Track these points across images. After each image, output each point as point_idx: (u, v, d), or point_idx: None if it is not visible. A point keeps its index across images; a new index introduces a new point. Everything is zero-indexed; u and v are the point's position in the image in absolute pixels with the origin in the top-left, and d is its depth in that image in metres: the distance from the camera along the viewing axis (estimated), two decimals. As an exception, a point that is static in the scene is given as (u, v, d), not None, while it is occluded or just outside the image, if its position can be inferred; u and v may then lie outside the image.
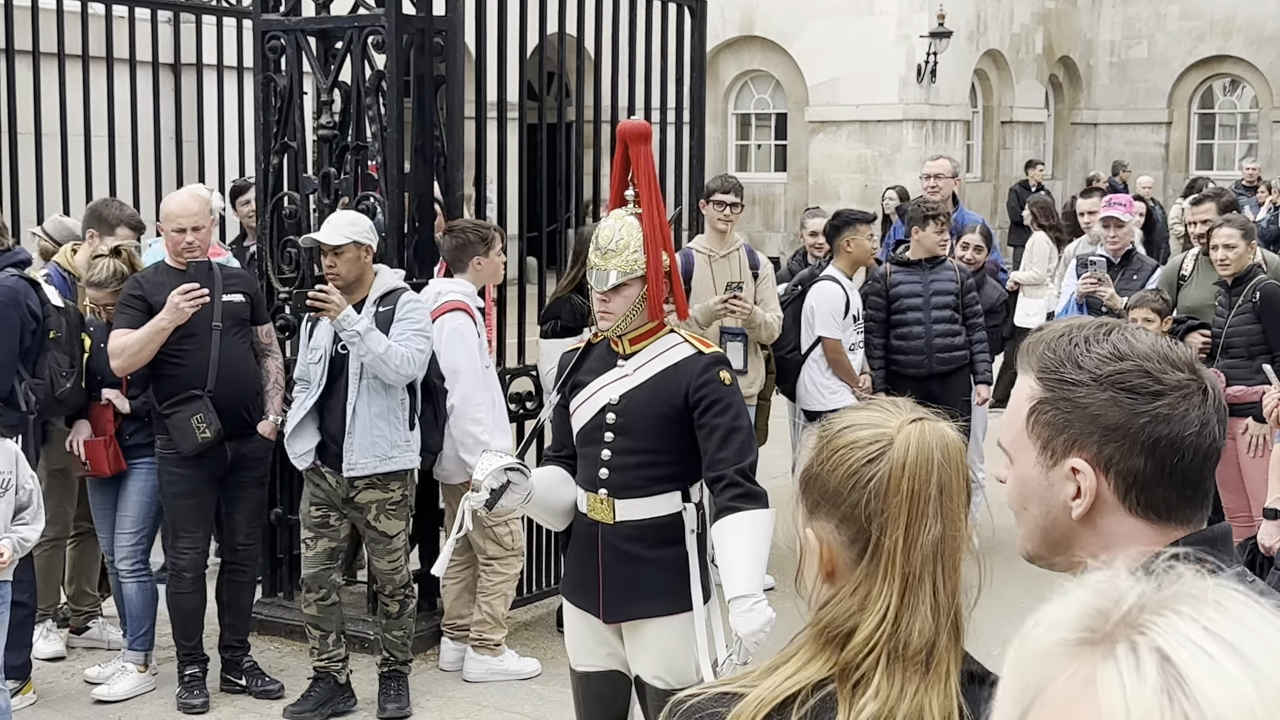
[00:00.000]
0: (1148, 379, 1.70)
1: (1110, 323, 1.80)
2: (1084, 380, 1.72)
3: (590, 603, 4.36)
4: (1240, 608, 0.87)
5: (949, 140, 24.42)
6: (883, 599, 1.76)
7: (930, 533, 1.77)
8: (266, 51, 7.01)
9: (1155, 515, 1.71)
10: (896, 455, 1.79)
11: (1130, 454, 1.69)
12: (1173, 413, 1.69)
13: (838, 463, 1.83)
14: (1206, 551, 1.69)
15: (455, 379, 6.35)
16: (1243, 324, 7.03)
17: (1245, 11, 26.89)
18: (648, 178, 4.30)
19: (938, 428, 1.82)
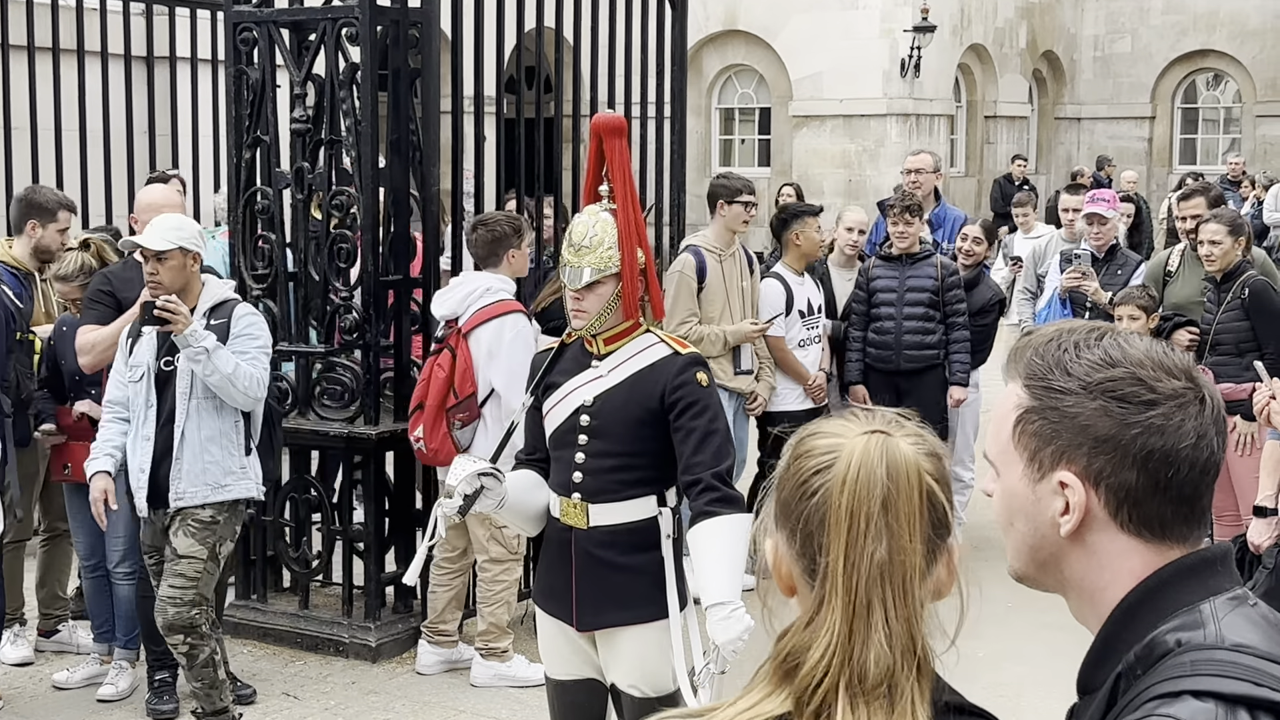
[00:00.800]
0: (1140, 387, 1.59)
1: (1103, 327, 1.69)
2: (1073, 388, 1.62)
3: (563, 610, 4.25)
4: None
5: (933, 135, 24.36)
6: (827, 625, 1.63)
7: (873, 554, 1.62)
8: (238, 44, 6.89)
9: (1149, 533, 1.61)
10: (839, 469, 1.66)
11: (1121, 467, 1.59)
12: (1167, 423, 1.58)
13: (793, 472, 1.71)
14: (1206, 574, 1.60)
15: (513, 385, 5.88)
16: (1231, 320, 6.96)
17: (1229, 6, 26.88)
18: (622, 172, 4.18)
19: (892, 442, 1.66)
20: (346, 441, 6.78)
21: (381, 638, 6.75)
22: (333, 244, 6.78)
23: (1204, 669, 1.49)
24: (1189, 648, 1.52)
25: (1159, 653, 1.54)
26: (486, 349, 6.18)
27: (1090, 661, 1.64)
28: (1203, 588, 1.58)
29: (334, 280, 6.83)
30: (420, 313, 6.91)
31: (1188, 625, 1.55)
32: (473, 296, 6.27)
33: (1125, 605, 1.60)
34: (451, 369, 6.20)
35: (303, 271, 6.93)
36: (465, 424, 6.25)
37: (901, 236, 8.05)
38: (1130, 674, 1.56)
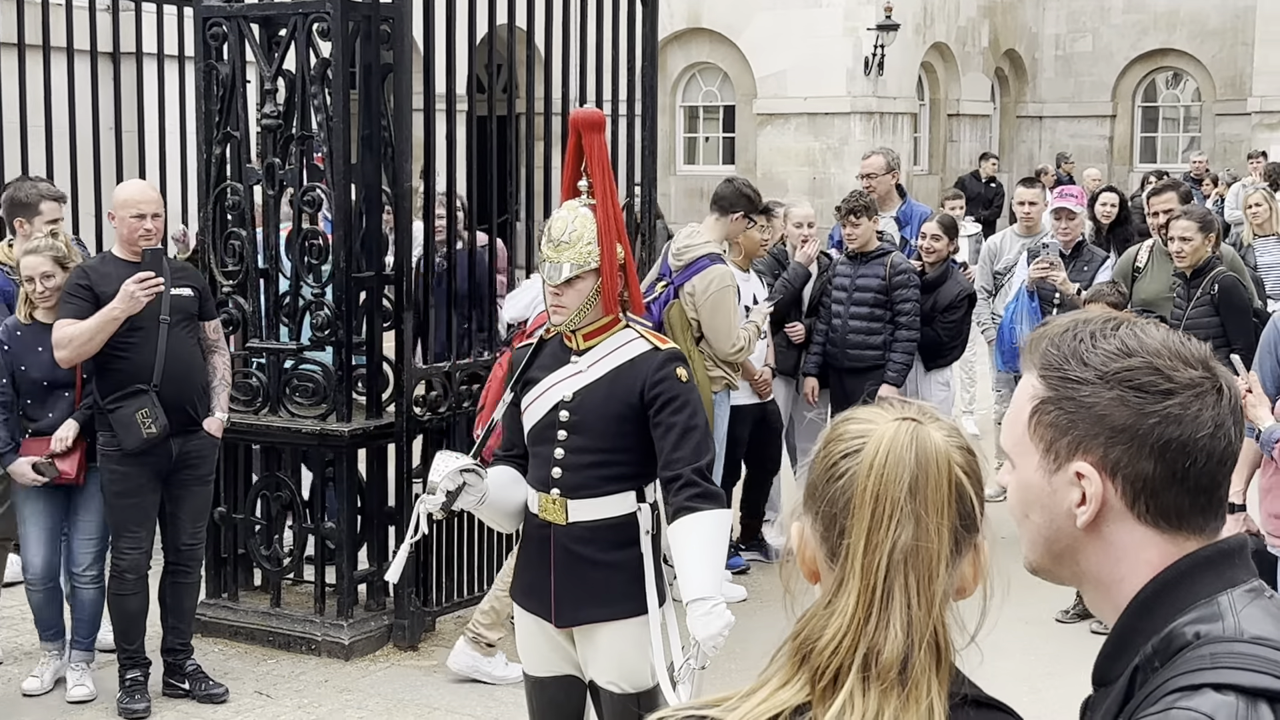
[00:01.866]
0: (1158, 376, 1.59)
1: (1119, 317, 1.69)
2: (1089, 378, 1.61)
3: (542, 607, 4.25)
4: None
5: (896, 133, 24.45)
6: (841, 607, 1.62)
7: (896, 538, 1.62)
8: (208, 39, 6.86)
9: (1166, 523, 1.60)
10: (868, 452, 1.65)
11: (1139, 457, 1.58)
12: (1184, 413, 1.58)
13: (822, 456, 1.71)
14: (1224, 565, 1.60)
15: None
16: (1201, 316, 7.01)
17: (1188, 6, 27.09)
18: (601, 168, 4.18)
19: (924, 430, 1.66)
20: (319, 439, 6.75)
21: (354, 635, 6.73)
22: (304, 240, 6.75)
23: (1224, 661, 1.48)
24: (1208, 640, 1.52)
25: (1178, 645, 1.53)
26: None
27: (1107, 653, 1.63)
28: (1220, 580, 1.58)
29: (305, 277, 6.80)
30: (393, 309, 6.88)
31: (1206, 618, 1.54)
32: (538, 300, 6.32)
33: (1142, 598, 1.60)
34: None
35: (273, 268, 6.90)
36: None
37: (849, 237, 8.10)
38: (1148, 666, 1.55)
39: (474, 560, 7.24)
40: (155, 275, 5.87)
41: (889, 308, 8.00)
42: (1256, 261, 9.77)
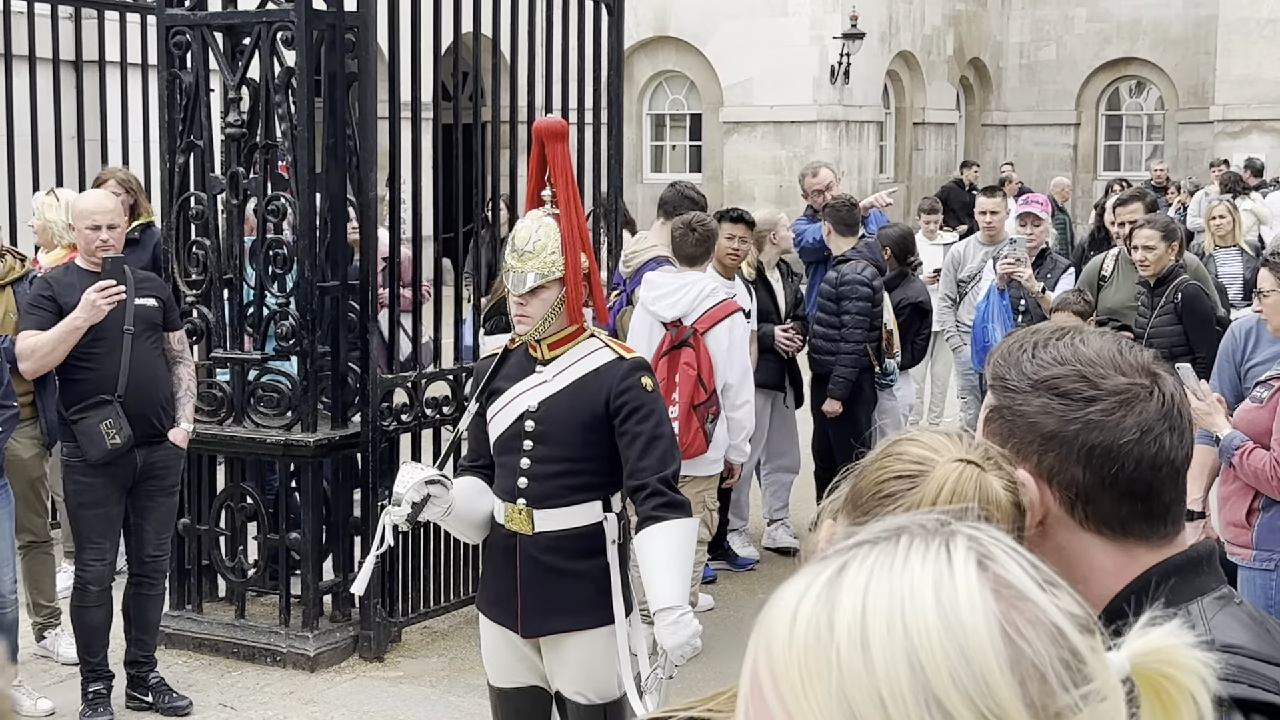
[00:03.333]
0: (1082, 384, 1.61)
1: (1069, 328, 1.71)
2: (1023, 386, 1.64)
3: (508, 617, 4.23)
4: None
5: (862, 141, 24.54)
6: None
7: None
8: (171, 47, 6.81)
9: (1109, 530, 1.61)
10: (928, 492, 1.60)
11: (1068, 463, 1.60)
12: (1106, 419, 1.59)
13: (876, 468, 1.68)
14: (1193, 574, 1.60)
15: (745, 379, 6.68)
16: (1165, 325, 7.04)
17: (1151, 14, 27.29)
18: (565, 177, 4.18)
19: (983, 478, 1.60)
20: (283, 449, 6.71)
21: (320, 647, 6.69)
22: (268, 249, 6.72)
23: None
24: None
25: None
26: (725, 347, 6.58)
27: None
28: (1189, 588, 1.59)
29: (270, 286, 6.77)
30: (358, 320, 6.85)
31: None
32: (701, 297, 6.56)
33: (1113, 608, 1.61)
34: (698, 367, 6.53)
35: (237, 278, 6.87)
36: (715, 418, 6.59)
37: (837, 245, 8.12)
38: None
39: (440, 571, 7.22)
40: (117, 284, 5.83)
41: (839, 315, 7.98)
42: (1218, 271, 9.84)
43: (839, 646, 0.90)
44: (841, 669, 0.89)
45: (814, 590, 0.93)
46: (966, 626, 0.90)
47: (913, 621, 0.90)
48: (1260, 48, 24.07)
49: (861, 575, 0.92)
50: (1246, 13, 24.17)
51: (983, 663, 0.89)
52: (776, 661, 0.92)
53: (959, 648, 0.89)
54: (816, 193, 9.26)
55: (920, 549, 0.94)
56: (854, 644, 0.90)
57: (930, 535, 0.96)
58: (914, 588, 0.91)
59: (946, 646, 0.89)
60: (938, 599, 0.91)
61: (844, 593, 0.92)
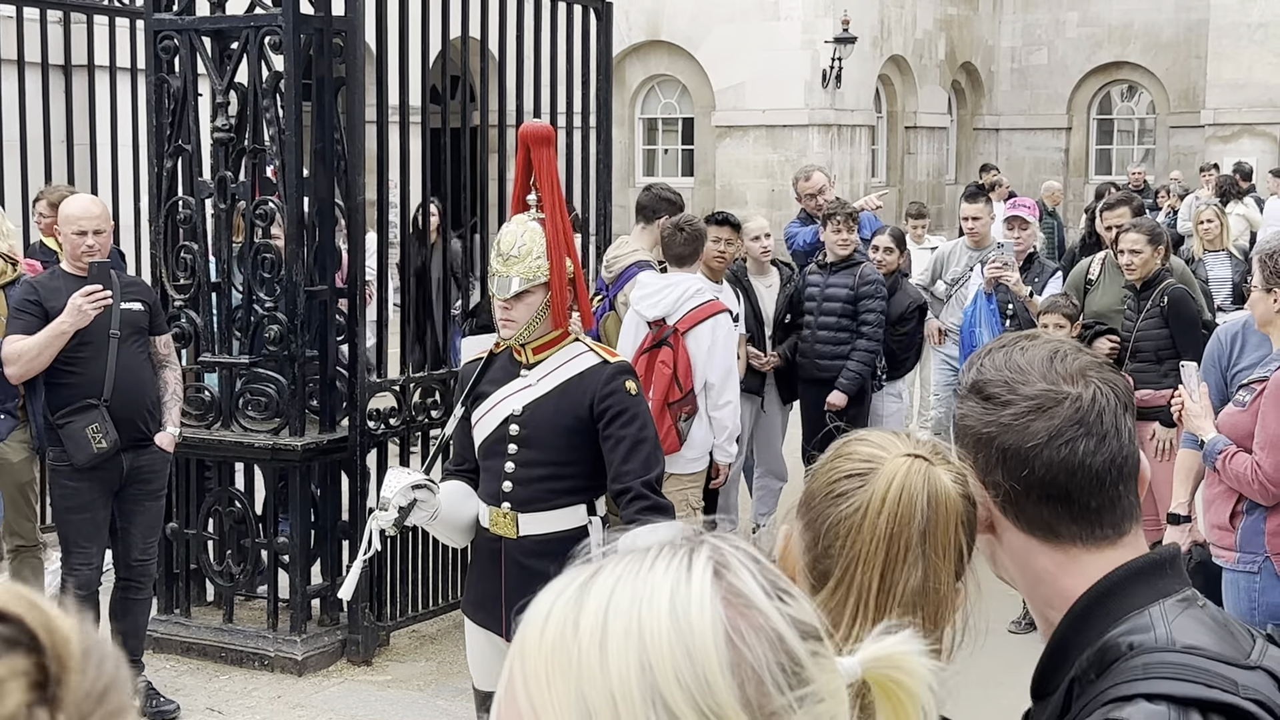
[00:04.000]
0: (1003, 389, 1.65)
1: (1022, 336, 1.74)
2: (964, 391, 1.70)
3: (493, 621, 4.24)
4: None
5: (854, 145, 24.56)
6: (853, 641, 1.64)
7: (909, 580, 1.63)
8: (159, 52, 6.82)
9: (1041, 533, 1.64)
10: (878, 487, 1.65)
11: (991, 466, 1.65)
12: (1015, 423, 1.63)
13: (827, 469, 1.72)
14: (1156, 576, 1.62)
15: (729, 379, 6.69)
16: (1151, 328, 7.05)
17: (1142, 19, 27.34)
18: (550, 182, 4.19)
19: (934, 472, 1.65)
20: (271, 453, 6.71)
21: (308, 651, 6.69)
22: (256, 254, 6.73)
23: (1156, 671, 1.50)
24: (1141, 651, 1.54)
25: (1111, 657, 1.56)
26: (707, 347, 6.60)
27: (1044, 666, 1.66)
28: (1152, 590, 1.60)
29: (258, 291, 6.77)
30: (346, 323, 6.86)
31: (1139, 628, 1.57)
32: (685, 297, 6.60)
33: (1077, 610, 1.62)
34: (674, 366, 6.55)
35: (226, 282, 6.87)
36: (690, 416, 6.61)
37: (845, 244, 8.07)
38: (1084, 678, 1.58)
39: (428, 575, 7.22)
40: (103, 288, 5.84)
41: (855, 318, 8.00)
42: (1206, 275, 9.86)
43: (580, 646, 0.95)
44: (581, 668, 0.94)
45: (567, 594, 0.98)
46: (695, 630, 0.95)
47: (647, 624, 0.95)
48: (1251, 52, 24.12)
49: (609, 580, 0.98)
50: (1237, 17, 24.22)
51: (705, 664, 0.94)
52: (528, 659, 0.96)
53: (686, 650, 0.94)
54: (809, 196, 9.26)
55: (665, 558, 0.99)
56: (593, 644, 0.95)
57: (678, 547, 1.01)
58: (652, 593, 0.97)
59: (675, 648, 0.94)
60: (672, 604, 0.96)
61: (591, 596, 0.97)
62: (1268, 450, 4.87)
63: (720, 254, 7.53)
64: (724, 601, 0.97)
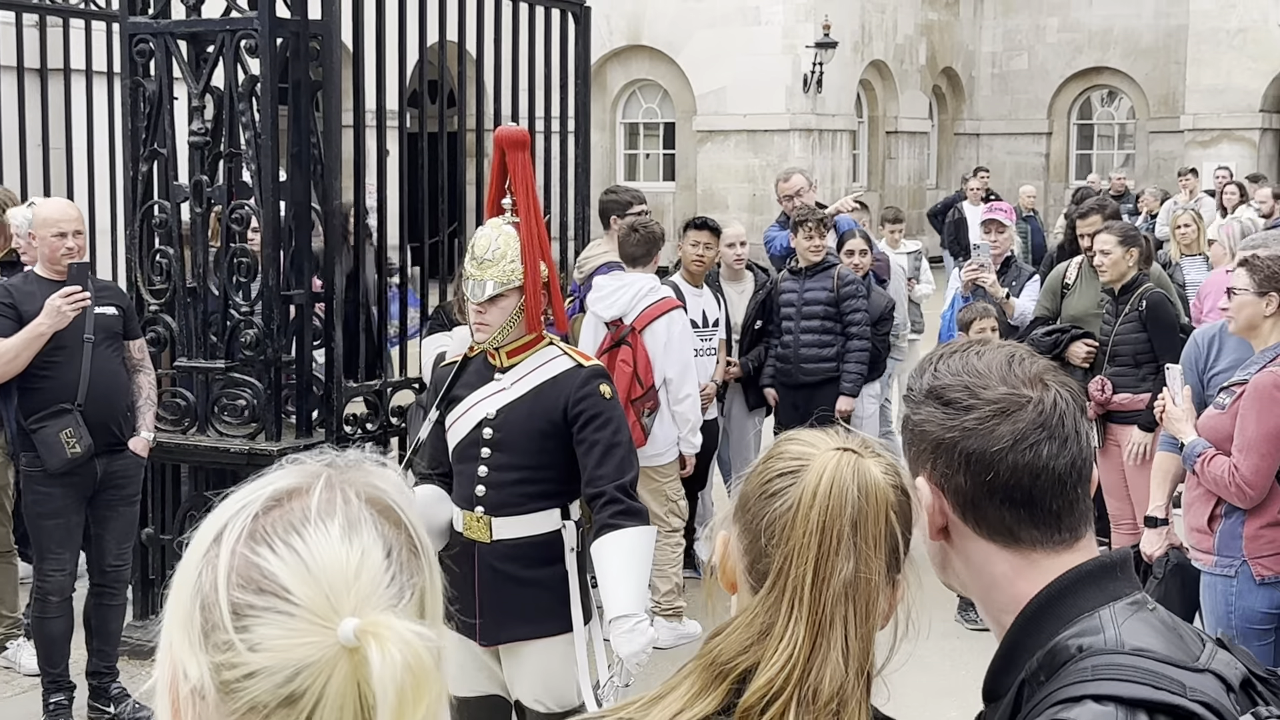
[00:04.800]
0: (964, 393, 1.65)
1: (975, 341, 1.75)
2: (919, 397, 1.70)
3: (467, 626, 4.22)
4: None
5: (835, 150, 24.61)
6: (789, 637, 1.63)
7: (841, 572, 1.64)
8: (134, 55, 6.79)
9: (1001, 538, 1.65)
10: (809, 481, 1.67)
11: (952, 471, 1.65)
12: (979, 427, 1.63)
13: (759, 471, 1.75)
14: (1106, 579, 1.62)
15: (686, 373, 6.82)
16: (1129, 332, 7.06)
17: (1122, 24, 27.46)
18: (525, 186, 4.17)
19: (864, 464, 1.68)
20: (248, 458, 6.68)
21: (284, 657, 6.65)
22: (232, 258, 6.70)
23: (1105, 673, 1.51)
24: (1090, 653, 1.55)
25: (1061, 659, 1.57)
26: (663, 343, 6.73)
27: (995, 669, 1.66)
28: (1103, 593, 1.61)
29: (234, 295, 6.74)
30: (323, 327, 6.83)
31: (1088, 630, 1.58)
32: (639, 296, 6.71)
33: (1028, 612, 1.63)
34: (634, 363, 6.68)
35: (202, 286, 6.84)
36: (652, 411, 6.75)
37: (815, 250, 8.08)
38: (1033, 680, 1.58)
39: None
40: (81, 289, 5.81)
41: (839, 319, 8.03)
42: (1184, 279, 9.89)
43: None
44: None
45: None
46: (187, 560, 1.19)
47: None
48: (1230, 57, 24.24)
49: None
50: (1216, 23, 24.33)
51: (183, 588, 1.17)
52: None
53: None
54: (788, 198, 9.23)
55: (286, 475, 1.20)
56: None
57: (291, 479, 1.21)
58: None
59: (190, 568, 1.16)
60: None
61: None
62: (1245, 453, 4.88)
63: (699, 258, 7.54)
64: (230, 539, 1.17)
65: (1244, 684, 1.56)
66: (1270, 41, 23.96)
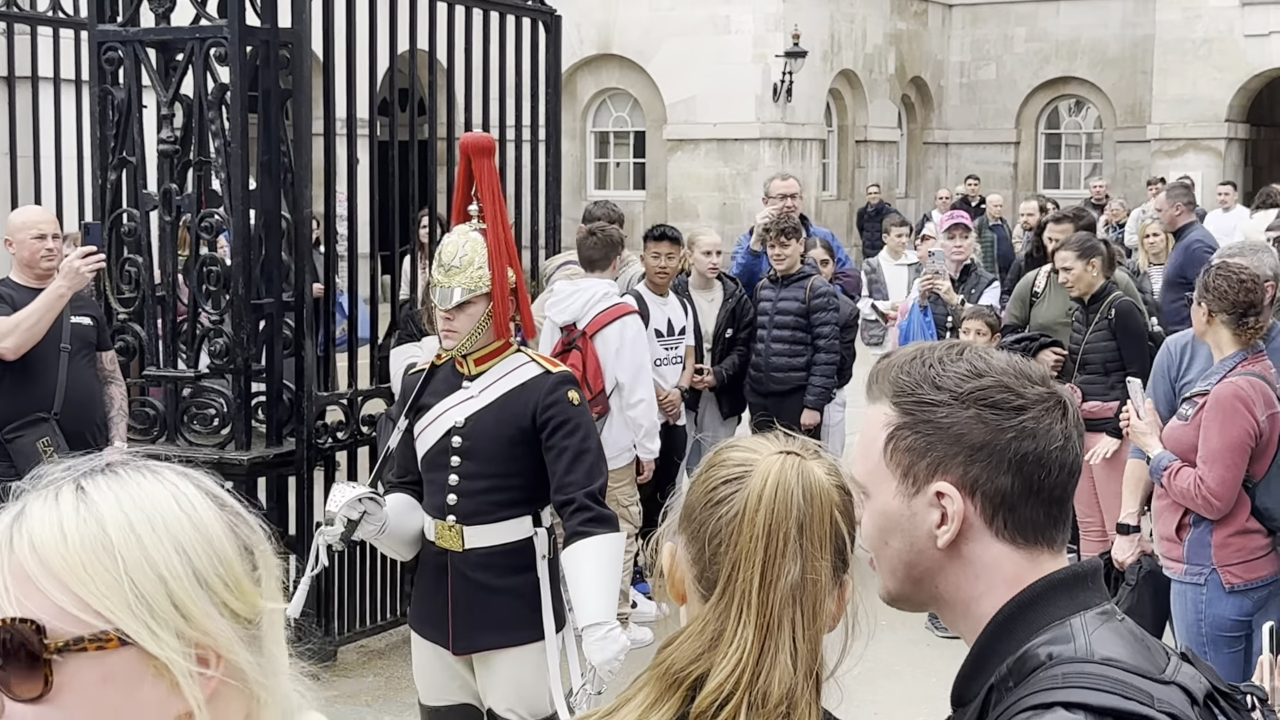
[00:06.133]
0: (1010, 394, 1.63)
1: (960, 343, 1.73)
2: (944, 400, 1.64)
3: (439, 634, 4.22)
4: (126, 472, 1.27)
5: (805, 159, 24.66)
6: (738, 642, 1.64)
7: (788, 574, 1.65)
8: (103, 63, 6.76)
9: (1022, 538, 1.64)
10: (754, 485, 1.68)
11: (998, 472, 1.62)
12: (1038, 426, 1.63)
13: (702, 480, 1.75)
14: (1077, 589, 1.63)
15: (639, 377, 6.80)
16: (1099, 341, 7.11)
17: (1089, 34, 27.61)
18: (491, 192, 4.17)
19: (807, 465, 1.70)
20: (217, 467, 6.65)
21: (253, 666, 6.62)
22: (202, 266, 6.67)
23: (1075, 681, 1.52)
24: (1060, 661, 1.55)
25: (1031, 665, 1.57)
26: (615, 348, 6.74)
27: (964, 674, 1.66)
28: (1073, 602, 1.62)
29: (204, 304, 6.72)
30: (293, 336, 6.81)
31: (1059, 639, 1.58)
32: (592, 302, 6.74)
33: (999, 619, 1.63)
34: (583, 368, 6.67)
35: (171, 295, 6.81)
36: (600, 416, 6.73)
37: (779, 259, 8.09)
38: (1002, 686, 1.59)
39: (376, 589, 7.18)
40: (97, 250, 5.82)
41: (809, 330, 8.05)
42: (1151, 288, 9.96)
43: (115, 543, 1.21)
44: (124, 559, 1.21)
45: (65, 511, 1.23)
46: (205, 520, 1.27)
47: (170, 519, 1.24)
48: (1196, 67, 24.39)
49: (108, 495, 1.24)
50: (1182, 33, 24.49)
51: (221, 546, 1.26)
52: (53, 560, 1.20)
53: (205, 536, 1.26)
54: (781, 197, 9.03)
55: (142, 475, 1.27)
56: (129, 540, 1.22)
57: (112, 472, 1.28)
58: (156, 498, 1.25)
59: (195, 534, 1.25)
60: (178, 504, 1.26)
61: (100, 508, 1.23)
62: (1210, 465, 4.90)
63: (662, 269, 7.58)
64: (215, 501, 1.29)
65: (1208, 698, 1.57)
66: (1236, 52, 24.13)
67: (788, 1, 23.68)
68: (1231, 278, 4.95)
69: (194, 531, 1.25)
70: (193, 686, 1.23)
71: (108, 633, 1.20)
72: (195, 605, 1.23)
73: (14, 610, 1.20)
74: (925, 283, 8.07)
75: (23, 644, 1.20)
